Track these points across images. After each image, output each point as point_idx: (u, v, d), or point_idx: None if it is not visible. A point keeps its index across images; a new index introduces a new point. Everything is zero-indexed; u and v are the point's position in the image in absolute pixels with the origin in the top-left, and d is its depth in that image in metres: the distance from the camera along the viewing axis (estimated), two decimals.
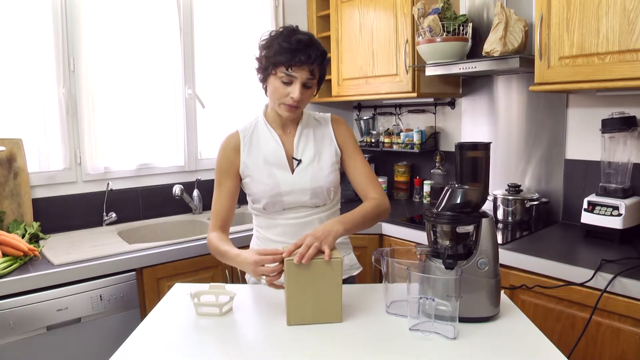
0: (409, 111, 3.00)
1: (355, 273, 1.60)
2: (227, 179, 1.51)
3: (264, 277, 1.25)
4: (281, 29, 1.42)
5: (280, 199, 1.47)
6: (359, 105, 3.28)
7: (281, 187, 1.47)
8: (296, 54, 1.35)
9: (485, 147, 1.24)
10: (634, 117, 1.95)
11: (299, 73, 1.37)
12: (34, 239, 2.13)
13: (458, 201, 1.21)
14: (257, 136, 1.52)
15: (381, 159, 3.14)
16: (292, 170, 1.49)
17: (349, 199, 2.52)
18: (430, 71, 2.36)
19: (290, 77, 1.37)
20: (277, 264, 1.23)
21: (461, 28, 2.22)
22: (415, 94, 2.50)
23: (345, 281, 1.54)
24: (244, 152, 1.51)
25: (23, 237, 2.02)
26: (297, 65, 1.35)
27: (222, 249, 1.43)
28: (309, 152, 1.51)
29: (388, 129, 3.04)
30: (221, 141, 1.54)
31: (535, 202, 2.24)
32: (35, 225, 2.15)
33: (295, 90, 1.38)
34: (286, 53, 1.35)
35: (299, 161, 1.50)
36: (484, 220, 1.20)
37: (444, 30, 2.22)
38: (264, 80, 1.46)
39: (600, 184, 1.97)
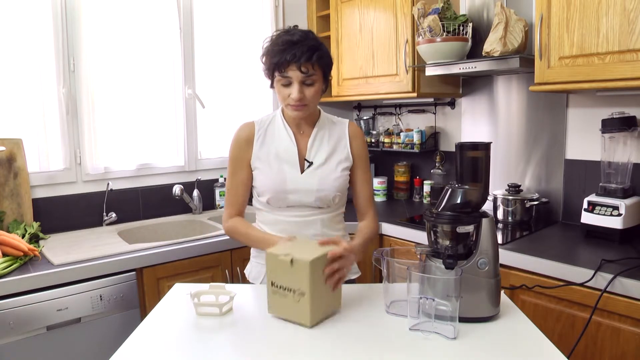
0: (409, 111, 3.00)
1: (354, 277, 1.61)
2: (241, 168, 1.53)
3: None
4: (277, 32, 1.44)
5: (285, 196, 1.48)
6: (359, 105, 3.28)
7: (288, 184, 1.47)
8: (283, 55, 1.36)
9: (486, 147, 1.24)
10: (634, 117, 1.95)
11: (292, 73, 1.38)
12: (34, 239, 2.13)
13: (458, 201, 1.21)
14: (272, 130, 1.53)
15: (381, 159, 3.14)
16: (302, 170, 1.50)
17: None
18: (430, 71, 2.36)
19: (286, 78, 1.39)
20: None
21: (461, 28, 2.22)
22: (415, 94, 2.50)
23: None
24: (257, 144, 1.52)
25: (23, 237, 2.02)
26: (286, 66, 1.37)
27: (253, 233, 1.49)
28: (321, 155, 1.51)
29: (388, 129, 3.04)
30: (235, 130, 1.55)
31: (535, 202, 2.24)
32: (35, 225, 2.15)
33: (294, 91, 1.39)
34: (276, 55, 1.38)
35: (310, 163, 1.50)
36: (484, 220, 1.20)
37: (444, 30, 2.22)
38: (272, 84, 1.47)
39: (600, 184, 1.98)
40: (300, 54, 1.36)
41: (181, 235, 2.48)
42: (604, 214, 1.88)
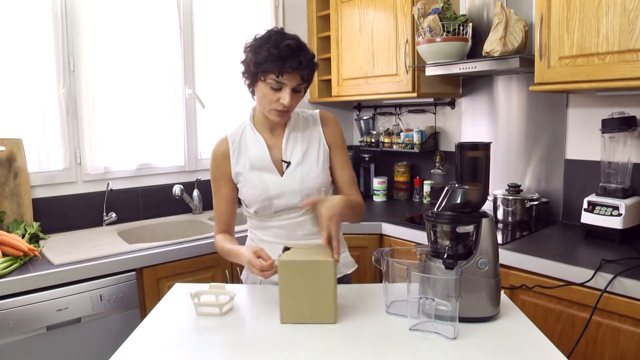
0: (409, 111, 3.00)
1: (350, 271, 1.60)
2: (223, 185, 1.53)
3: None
4: (267, 33, 1.39)
5: (271, 202, 1.47)
6: (359, 105, 3.28)
7: (271, 190, 1.46)
8: (286, 61, 1.32)
9: (485, 147, 1.24)
10: (634, 117, 1.95)
11: (289, 80, 1.35)
12: (34, 239, 2.13)
13: (458, 201, 1.21)
14: (245, 142, 1.52)
15: (381, 159, 3.14)
16: (282, 173, 1.49)
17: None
18: (430, 71, 2.36)
19: (279, 84, 1.36)
20: (269, 270, 1.28)
21: (461, 28, 2.22)
22: (415, 94, 2.50)
23: (341, 279, 1.54)
24: (234, 159, 1.51)
25: (23, 237, 2.02)
26: (288, 72, 1.34)
27: (227, 247, 1.48)
28: (297, 153, 1.50)
29: (388, 129, 3.04)
30: (212, 148, 1.55)
31: (535, 202, 2.24)
32: (35, 225, 2.15)
33: (285, 97, 1.37)
34: (276, 60, 1.33)
35: (288, 163, 1.49)
36: (484, 220, 1.20)
37: (444, 30, 2.22)
38: (251, 85, 1.44)
39: (600, 184, 1.98)
40: (305, 63, 1.34)
41: (181, 235, 2.47)
42: (604, 214, 1.88)
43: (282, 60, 1.33)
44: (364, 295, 1.38)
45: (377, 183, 2.95)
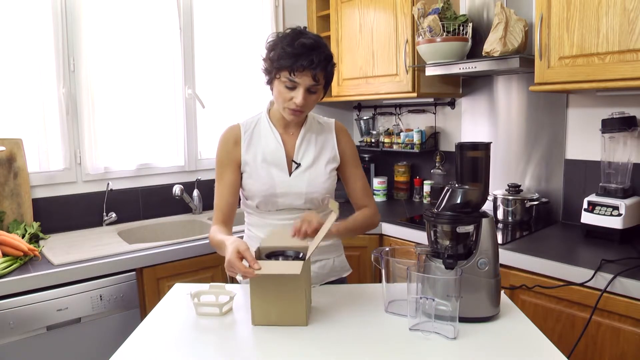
0: (409, 111, 3.00)
1: (345, 275, 1.61)
2: (228, 171, 1.49)
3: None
4: (288, 31, 1.39)
5: (275, 199, 1.47)
6: (359, 105, 3.28)
7: (277, 188, 1.46)
8: (298, 59, 1.31)
9: (486, 147, 1.24)
10: (634, 117, 1.95)
11: (301, 78, 1.34)
12: (34, 239, 2.13)
13: (458, 201, 1.21)
14: (258, 132, 1.51)
15: (381, 159, 3.14)
16: (290, 173, 1.48)
17: (347, 199, 2.51)
18: (430, 71, 2.36)
19: (293, 82, 1.35)
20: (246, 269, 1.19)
21: (461, 28, 2.22)
22: (415, 94, 2.50)
23: (336, 282, 1.56)
24: (244, 146, 1.50)
25: (23, 237, 2.02)
26: (300, 70, 1.32)
27: (217, 238, 1.39)
28: (308, 156, 1.50)
29: (388, 129, 3.04)
30: (221, 133, 1.54)
31: (535, 202, 2.24)
32: (35, 225, 2.15)
33: (298, 96, 1.36)
34: (289, 57, 1.32)
35: (298, 165, 1.49)
36: (484, 220, 1.20)
37: (444, 30, 2.22)
38: (270, 82, 1.44)
39: (600, 184, 1.98)
40: (317, 62, 1.32)
41: (181, 235, 2.47)
42: (604, 214, 1.88)
43: (294, 58, 1.32)
44: (363, 294, 1.38)
45: (377, 183, 2.94)
